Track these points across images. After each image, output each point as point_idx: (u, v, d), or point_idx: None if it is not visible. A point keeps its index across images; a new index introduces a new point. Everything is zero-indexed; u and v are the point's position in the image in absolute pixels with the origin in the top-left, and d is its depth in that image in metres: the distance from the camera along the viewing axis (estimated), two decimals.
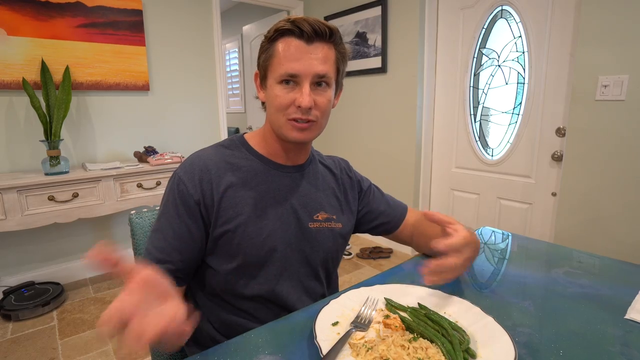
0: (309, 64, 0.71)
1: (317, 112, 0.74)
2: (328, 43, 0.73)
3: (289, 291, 0.80)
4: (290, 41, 0.71)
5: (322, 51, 0.72)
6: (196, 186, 0.74)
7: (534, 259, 0.96)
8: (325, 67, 0.72)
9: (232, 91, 5.11)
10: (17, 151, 2.18)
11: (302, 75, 0.71)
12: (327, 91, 0.75)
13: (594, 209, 1.83)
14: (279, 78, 0.72)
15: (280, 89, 0.73)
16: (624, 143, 1.70)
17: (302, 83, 0.71)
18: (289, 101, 0.72)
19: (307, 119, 0.73)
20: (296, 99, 0.72)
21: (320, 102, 0.74)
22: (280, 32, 0.72)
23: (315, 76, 0.72)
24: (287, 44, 0.71)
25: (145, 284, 0.48)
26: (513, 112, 2.23)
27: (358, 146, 3.14)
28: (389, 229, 0.97)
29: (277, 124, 0.76)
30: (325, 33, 0.72)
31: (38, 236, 2.31)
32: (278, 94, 0.73)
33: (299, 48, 0.71)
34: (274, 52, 0.73)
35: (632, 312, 0.67)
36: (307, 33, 0.70)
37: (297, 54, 0.71)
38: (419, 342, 0.57)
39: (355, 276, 2.52)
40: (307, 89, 0.71)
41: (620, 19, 1.64)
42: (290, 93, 0.72)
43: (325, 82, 0.74)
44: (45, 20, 2.15)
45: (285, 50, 0.71)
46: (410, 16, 2.55)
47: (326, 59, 0.73)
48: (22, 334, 1.89)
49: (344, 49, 0.77)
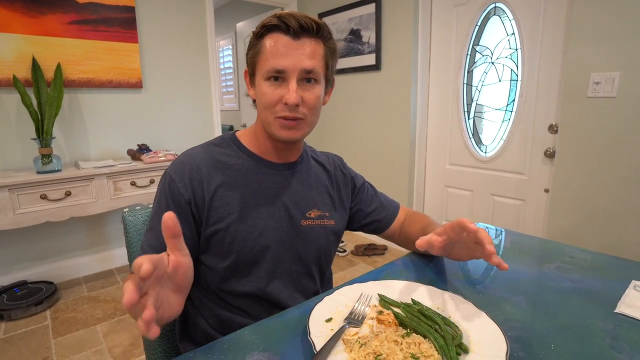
0: (296, 60, 0.70)
1: (304, 109, 0.73)
2: (316, 38, 0.73)
3: (281, 289, 0.80)
4: (277, 37, 0.71)
5: (310, 46, 0.71)
6: (187, 186, 0.73)
7: (526, 254, 0.97)
8: (313, 62, 0.72)
9: (226, 89, 5.08)
10: (9, 149, 2.16)
11: (289, 70, 0.70)
12: (315, 87, 0.74)
13: (586, 205, 1.85)
14: (266, 74, 0.72)
15: (267, 85, 0.72)
16: (616, 140, 1.71)
17: (289, 79, 0.71)
18: (277, 98, 0.72)
19: (294, 116, 0.72)
20: (283, 96, 0.71)
21: (308, 98, 0.73)
22: (267, 28, 0.71)
23: (303, 72, 0.71)
24: (273, 40, 0.71)
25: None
26: (506, 109, 2.25)
27: (352, 143, 3.14)
28: (380, 227, 0.98)
29: (266, 122, 0.75)
30: (312, 28, 0.71)
31: (30, 235, 2.29)
32: (265, 91, 0.72)
33: (285, 44, 0.70)
34: (261, 48, 0.72)
35: (622, 306, 0.68)
36: (293, 28, 0.69)
37: (284, 49, 0.70)
38: (412, 337, 0.58)
39: (349, 273, 2.52)
40: (294, 85, 0.70)
41: (612, 17, 1.65)
42: (278, 90, 0.72)
43: (313, 78, 0.73)
44: (36, 16, 2.12)
45: (271, 46, 0.71)
46: (404, 13, 2.55)
47: (314, 54, 0.72)
48: (15, 334, 1.87)
49: (333, 45, 0.76)
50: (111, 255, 2.61)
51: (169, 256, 0.51)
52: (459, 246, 0.72)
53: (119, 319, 2.00)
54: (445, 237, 0.68)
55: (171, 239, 0.50)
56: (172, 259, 0.51)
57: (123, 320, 1.99)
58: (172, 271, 0.51)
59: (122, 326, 1.93)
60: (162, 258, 0.50)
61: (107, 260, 2.60)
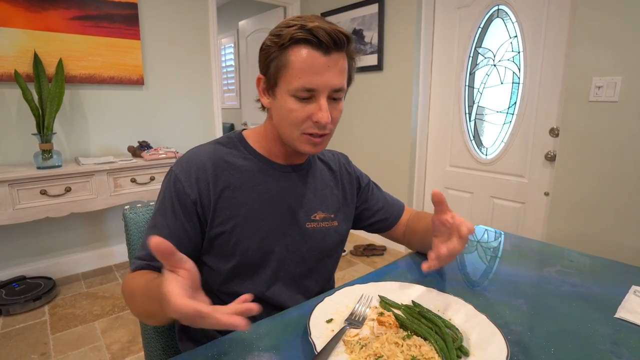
0: (327, 78, 0.67)
1: (331, 126, 0.73)
2: (344, 52, 0.70)
3: (284, 291, 0.80)
4: (307, 52, 0.67)
5: (340, 63, 0.69)
6: (193, 185, 0.73)
7: (526, 257, 0.97)
8: (341, 79, 0.70)
9: (227, 87, 5.07)
10: (9, 144, 2.15)
11: (320, 90, 0.68)
12: (340, 103, 0.73)
13: (586, 209, 1.85)
14: (294, 92, 0.68)
15: (294, 102, 0.69)
16: (617, 144, 1.71)
17: (319, 97, 0.69)
18: (305, 116, 0.70)
19: (324, 133, 0.72)
20: (313, 114, 0.69)
21: (335, 115, 0.72)
22: (294, 40, 0.67)
23: (332, 90, 0.69)
24: (303, 55, 0.67)
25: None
26: (508, 112, 2.25)
27: (353, 144, 3.14)
28: (386, 226, 0.97)
29: (289, 137, 0.74)
30: (344, 42, 0.68)
31: (30, 230, 2.29)
32: (293, 108, 0.69)
33: (317, 60, 0.66)
34: (287, 62, 0.68)
35: (622, 311, 0.68)
36: (326, 44, 0.66)
37: (316, 66, 0.66)
38: (413, 339, 0.58)
39: (349, 273, 2.53)
40: (325, 105, 0.69)
41: (614, 21, 1.65)
42: (306, 107, 0.69)
43: (340, 96, 0.72)
44: (38, 11, 2.12)
45: (301, 62, 0.67)
46: (407, 14, 2.55)
47: (342, 71, 0.70)
48: (13, 329, 1.87)
49: (355, 54, 0.74)
50: (110, 252, 2.61)
51: (180, 271, 0.51)
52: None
53: (117, 316, 1.99)
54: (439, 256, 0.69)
55: (170, 257, 0.50)
56: (184, 273, 0.51)
57: (121, 316, 1.99)
58: (192, 280, 0.51)
59: (120, 323, 1.93)
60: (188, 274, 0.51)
61: (106, 257, 2.60)
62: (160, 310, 0.51)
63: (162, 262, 0.50)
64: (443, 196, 0.70)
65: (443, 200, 0.70)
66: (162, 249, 0.48)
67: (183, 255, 0.51)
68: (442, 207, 0.70)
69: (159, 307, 0.52)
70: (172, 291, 0.47)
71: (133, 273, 0.71)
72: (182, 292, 0.47)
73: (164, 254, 0.49)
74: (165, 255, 0.49)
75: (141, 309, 0.66)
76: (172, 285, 0.47)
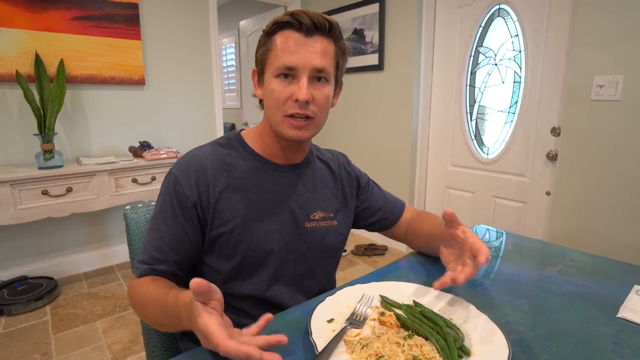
0: (307, 57, 0.69)
1: (314, 108, 0.72)
2: (327, 37, 0.72)
3: (284, 291, 0.80)
4: (289, 34, 0.70)
5: (321, 45, 0.71)
6: (192, 187, 0.73)
7: (527, 257, 0.97)
8: (324, 61, 0.71)
9: (228, 87, 5.08)
10: (11, 145, 2.16)
11: (300, 68, 0.69)
12: (325, 87, 0.73)
13: (587, 208, 1.84)
14: (276, 71, 0.71)
15: (277, 82, 0.71)
16: (618, 143, 1.71)
17: (300, 77, 0.70)
18: (287, 95, 0.71)
19: (305, 114, 0.71)
20: (293, 93, 0.70)
21: (318, 97, 0.72)
22: (279, 24, 0.71)
23: (314, 70, 0.70)
24: (285, 37, 0.70)
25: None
26: (509, 111, 2.24)
27: (354, 143, 3.14)
28: (386, 225, 0.97)
29: (274, 121, 0.74)
30: (325, 26, 0.70)
31: (31, 230, 2.29)
32: (275, 88, 0.71)
33: (297, 41, 0.69)
34: (272, 45, 0.71)
35: (624, 311, 0.68)
36: (306, 26, 0.69)
37: (295, 46, 0.69)
38: (414, 339, 0.58)
39: (350, 273, 2.52)
40: (305, 82, 0.69)
41: (616, 20, 1.65)
42: (288, 87, 0.71)
43: (324, 77, 0.72)
44: (39, 12, 2.12)
45: (283, 43, 0.70)
46: (408, 14, 2.55)
47: (325, 53, 0.71)
48: (14, 329, 1.87)
49: (344, 45, 0.76)
50: (111, 252, 2.61)
51: (212, 302, 0.51)
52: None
53: (118, 316, 2.00)
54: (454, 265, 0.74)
55: (208, 294, 0.50)
56: (216, 304, 0.52)
57: (123, 316, 1.99)
58: (221, 309, 0.53)
59: (121, 323, 1.94)
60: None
61: (108, 257, 2.60)
62: (178, 325, 0.57)
63: (199, 300, 0.50)
64: (455, 215, 0.71)
65: (455, 219, 0.72)
66: (203, 290, 0.48)
67: (216, 287, 0.51)
68: (453, 223, 0.72)
69: (175, 321, 0.57)
70: (213, 329, 0.47)
71: (139, 280, 0.71)
72: (223, 331, 0.47)
73: (205, 295, 0.49)
74: (206, 295, 0.49)
75: (152, 319, 0.68)
76: (210, 322, 0.48)
